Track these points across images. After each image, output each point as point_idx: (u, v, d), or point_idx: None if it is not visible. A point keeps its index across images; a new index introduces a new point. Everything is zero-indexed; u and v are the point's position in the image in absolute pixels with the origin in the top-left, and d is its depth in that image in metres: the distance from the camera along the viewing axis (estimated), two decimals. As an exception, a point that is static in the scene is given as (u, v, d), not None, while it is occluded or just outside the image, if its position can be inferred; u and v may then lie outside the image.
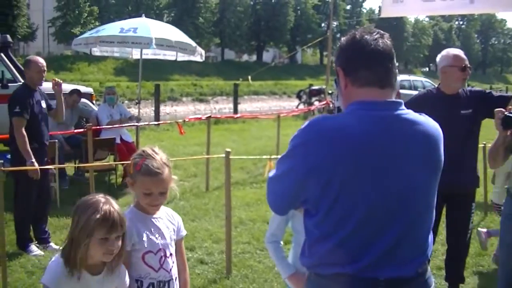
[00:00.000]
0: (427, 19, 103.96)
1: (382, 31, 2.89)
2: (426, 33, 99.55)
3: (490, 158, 5.00)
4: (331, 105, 21.34)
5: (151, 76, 45.11)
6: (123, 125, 12.12)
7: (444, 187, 5.97)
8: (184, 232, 3.95)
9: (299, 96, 31.05)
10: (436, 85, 6.42)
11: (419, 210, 2.85)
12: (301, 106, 28.90)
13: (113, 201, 3.32)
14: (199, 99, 46.66)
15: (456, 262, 6.53)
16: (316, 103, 27.75)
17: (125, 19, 13.05)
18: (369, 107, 2.76)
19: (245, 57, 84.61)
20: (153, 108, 26.02)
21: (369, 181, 2.66)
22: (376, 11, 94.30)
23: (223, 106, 44.55)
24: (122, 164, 10.74)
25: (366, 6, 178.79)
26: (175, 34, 12.61)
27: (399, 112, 2.79)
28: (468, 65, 6.08)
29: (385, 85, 2.81)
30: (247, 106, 45.36)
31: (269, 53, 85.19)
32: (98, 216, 3.18)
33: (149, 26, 12.00)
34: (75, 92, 12.55)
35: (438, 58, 6.26)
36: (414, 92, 29.56)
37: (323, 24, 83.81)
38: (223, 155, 7.56)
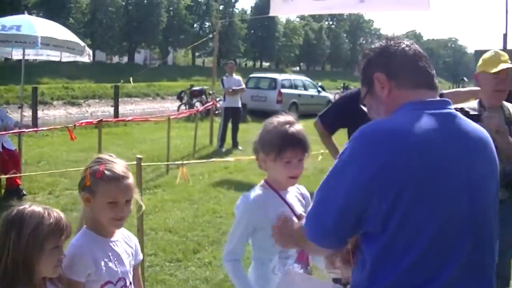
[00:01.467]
0: (298, 19, 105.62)
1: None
2: (297, 33, 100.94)
3: None
4: (218, 105, 21.05)
5: (19, 79, 43.32)
6: (5, 132, 11.25)
7: None
8: (141, 256, 3.51)
9: (180, 97, 30.53)
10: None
11: (490, 226, 2.54)
12: (183, 107, 28.42)
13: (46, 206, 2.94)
14: (71, 103, 45.18)
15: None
16: (198, 104, 27.40)
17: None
18: (424, 106, 2.51)
19: (116, 59, 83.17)
20: (24, 113, 24.73)
21: (440, 186, 2.35)
22: (248, 12, 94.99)
23: (96, 109, 43.44)
24: (5, 173, 10.09)
25: (239, 6, 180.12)
26: (62, 32, 11.85)
27: (451, 111, 2.56)
28: None
29: (433, 87, 2.65)
30: (121, 108, 44.28)
31: (140, 55, 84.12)
32: (48, 223, 2.80)
33: (34, 23, 11.19)
34: None
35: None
36: (296, 91, 29.98)
37: (195, 25, 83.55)
38: (134, 162, 6.95)
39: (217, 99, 21.04)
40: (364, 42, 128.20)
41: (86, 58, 12.35)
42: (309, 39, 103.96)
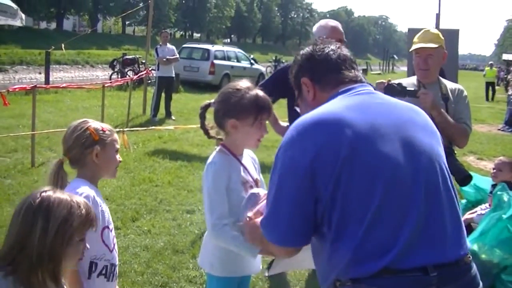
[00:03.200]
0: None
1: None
2: (228, 4, 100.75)
3: None
4: (151, 75, 20.83)
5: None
6: None
7: None
8: None
9: (112, 66, 30.07)
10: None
11: (439, 187, 2.59)
12: (115, 76, 28.03)
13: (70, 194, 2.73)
14: (-3, 68, 44.22)
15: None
16: (130, 73, 27.09)
17: None
18: (347, 91, 2.73)
19: (43, 25, 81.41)
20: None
21: (374, 154, 2.46)
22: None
23: (24, 76, 42.42)
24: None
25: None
26: (-6, -6, 11.54)
27: (373, 91, 2.80)
28: (345, 40, 6.05)
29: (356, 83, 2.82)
30: (50, 76, 43.59)
31: (69, 21, 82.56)
32: (79, 214, 2.60)
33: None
34: None
35: (315, 28, 6.23)
36: (228, 63, 29.89)
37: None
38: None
39: (150, 68, 20.78)
40: (295, 16, 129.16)
41: (18, 22, 12.08)
42: (240, 11, 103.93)
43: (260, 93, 3.61)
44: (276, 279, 6.21)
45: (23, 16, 12.43)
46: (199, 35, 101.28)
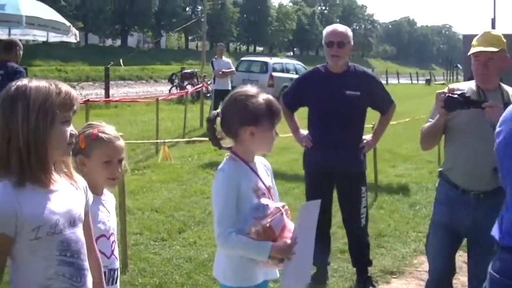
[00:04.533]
0: (290, 4, 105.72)
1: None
2: (290, 17, 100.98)
3: (424, 141, 4.85)
4: (209, 88, 20.98)
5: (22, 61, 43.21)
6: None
7: (327, 164, 5.90)
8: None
9: (171, 80, 30.45)
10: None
11: None
12: (174, 90, 28.35)
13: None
14: (64, 85, 45.15)
15: (358, 246, 6.40)
16: (189, 86, 27.36)
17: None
18: None
19: (109, 42, 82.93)
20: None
21: None
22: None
23: (90, 92, 43.21)
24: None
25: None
26: (48, 12, 11.77)
27: None
28: (341, 41, 5.93)
29: None
30: (114, 91, 44.18)
31: (133, 38, 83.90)
32: (58, 93, 2.54)
33: (19, 3, 11.10)
34: None
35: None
36: (287, 75, 29.95)
37: (187, 8, 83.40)
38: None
39: (208, 82, 20.96)
40: (357, 28, 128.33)
41: (72, 38, 12.27)
42: (302, 24, 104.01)
43: (271, 97, 3.52)
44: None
45: (77, 32, 12.65)
46: (261, 48, 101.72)
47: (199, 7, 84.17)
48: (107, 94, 24.94)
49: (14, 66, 9.06)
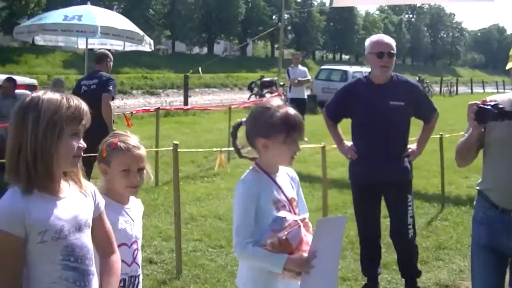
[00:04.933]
0: (377, 12, 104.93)
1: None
2: (376, 26, 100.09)
3: (459, 157, 4.51)
4: (282, 97, 21.01)
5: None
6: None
7: (374, 175, 5.94)
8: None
9: (250, 88, 30.74)
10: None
11: None
12: (253, 98, 28.59)
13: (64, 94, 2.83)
14: (150, 92, 45.90)
15: (406, 257, 6.36)
16: (268, 95, 27.52)
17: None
18: None
19: (196, 50, 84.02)
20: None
21: None
22: (327, 3, 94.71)
23: (174, 99, 43.96)
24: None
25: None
26: (122, 22, 12.20)
27: None
28: (391, 51, 5.90)
29: None
30: (198, 99, 44.83)
31: (220, 46, 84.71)
32: (68, 106, 2.69)
33: (95, 13, 11.58)
34: (8, 80, 12.01)
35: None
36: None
37: (274, 16, 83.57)
38: (194, 150, 7.11)
39: (286, 91, 21.09)
40: (445, 36, 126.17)
41: (146, 47, 12.64)
42: (389, 32, 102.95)
43: (291, 111, 3.51)
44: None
45: (151, 42, 13.01)
46: (348, 56, 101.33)
47: (286, 15, 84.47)
48: (185, 102, 25.33)
49: (106, 75, 9.59)
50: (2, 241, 2.57)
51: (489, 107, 3.98)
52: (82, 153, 2.79)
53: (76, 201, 2.82)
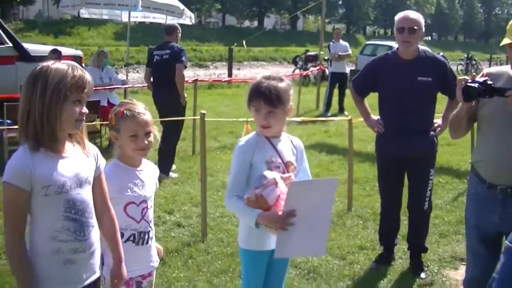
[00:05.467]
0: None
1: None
2: (428, 1, 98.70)
3: (451, 129, 4.69)
4: (326, 71, 21.13)
5: (152, 41, 44.98)
6: (109, 87, 12.16)
7: (401, 150, 6.07)
8: (157, 185, 4.07)
9: (295, 62, 30.86)
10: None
11: None
12: (297, 72, 28.67)
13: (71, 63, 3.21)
14: (199, 65, 46.09)
15: (415, 230, 6.49)
16: (312, 68, 27.58)
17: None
18: None
19: (246, 23, 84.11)
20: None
21: None
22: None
23: (223, 72, 44.10)
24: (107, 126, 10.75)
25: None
26: (163, -4, 12.52)
27: None
28: (413, 27, 5.91)
29: None
30: (246, 72, 44.89)
31: (270, 19, 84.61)
32: (72, 76, 3.05)
33: (136, -13, 11.91)
34: (53, 51, 12.58)
35: None
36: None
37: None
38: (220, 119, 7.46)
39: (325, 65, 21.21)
40: (500, 12, 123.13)
41: (187, 21, 12.92)
42: (441, 8, 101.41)
43: (265, 83, 3.82)
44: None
45: (192, 15, 13.32)
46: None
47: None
48: (229, 74, 25.70)
49: (177, 46, 10.23)
50: (11, 193, 2.97)
51: (476, 84, 4.07)
52: (84, 118, 3.16)
53: (78, 160, 3.19)
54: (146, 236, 3.84)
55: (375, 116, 6.41)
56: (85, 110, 3.14)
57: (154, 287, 5.47)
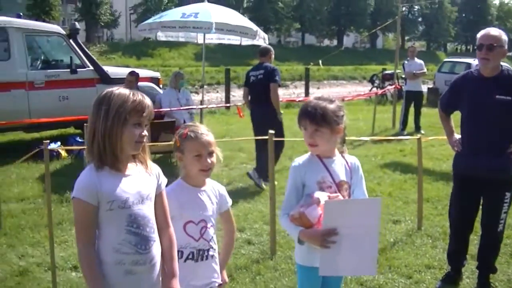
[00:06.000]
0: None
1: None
2: (511, 16, 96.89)
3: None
4: (403, 88, 20.92)
5: (231, 61, 45.59)
6: (183, 108, 12.52)
7: (477, 169, 6.02)
8: (229, 203, 4.21)
9: (372, 81, 30.76)
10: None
11: None
12: (374, 91, 28.57)
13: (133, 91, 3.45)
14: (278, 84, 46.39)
15: (486, 250, 6.38)
16: (389, 87, 27.44)
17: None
18: None
19: (326, 42, 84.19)
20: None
21: None
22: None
23: (302, 91, 44.19)
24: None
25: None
26: (236, 18, 12.79)
27: None
28: (492, 44, 5.78)
29: None
30: (326, 90, 44.92)
31: (349, 38, 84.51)
32: (132, 101, 3.29)
33: (210, 11, 12.21)
34: (131, 74, 13.20)
35: None
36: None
37: (404, 8, 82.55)
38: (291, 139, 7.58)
39: (401, 83, 21.09)
40: None
41: (260, 42, 13.10)
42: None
43: (312, 103, 4.01)
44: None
45: (266, 36, 13.50)
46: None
47: (416, 7, 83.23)
48: (306, 93, 25.97)
49: (270, 66, 10.97)
50: (80, 207, 3.26)
51: None
52: (145, 140, 3.40)
53: (140, 179, 3.43)
54: (206, 254, 3.99)
55: (458, 135, 6.35)
56: (145, 133, 3.37)
57: (221, 302, 5.69)
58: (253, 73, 11.08)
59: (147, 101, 3.37)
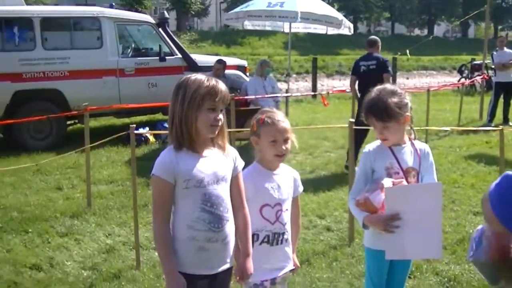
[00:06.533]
0: None
1: None
2: None
3: None
4: (492, 79, 20.50)
5: (320, 50, 45.53)
6: (269, 96, 12.68)
7: None
8: (301, 189, 4.31)
9: (460, 71, 30.21)
10: None
11: None
12: (463, 81, 28.05)
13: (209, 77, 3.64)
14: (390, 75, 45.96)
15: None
16: (478, 78, 26.92)
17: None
18: None
19: (416, 31, 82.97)
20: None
21: None
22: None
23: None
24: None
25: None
26: (321, 7, 12.90)
27: None
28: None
29: None
30: (415, 81, 44.29)
31: (440, 27, 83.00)
32: (205, 86, 3.50)
33: (296, 0, 12.34)
34: (219, 61, 13.43)
35: None
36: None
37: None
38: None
39: (490, 74, 20.67)
40: None
41: (346, 31, 13.19)
42: None
43: (374, 97, 4.27)
44: None
45: (351, 25, 13.59)
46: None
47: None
48: (393, 82, 25.79)
49: (382, 57, 11.26)
50: (160, 185, 3.50)
51: None
52: (220, 124, 3.58)
53: (217, 160, 3.63)
54: (281, 237, 4.08)
55: None
56: (220, 117, 3.55)
57: (296, 285, 5.85)
58: (364, 63, 11.18)
59: (221, 86, 3.55)
